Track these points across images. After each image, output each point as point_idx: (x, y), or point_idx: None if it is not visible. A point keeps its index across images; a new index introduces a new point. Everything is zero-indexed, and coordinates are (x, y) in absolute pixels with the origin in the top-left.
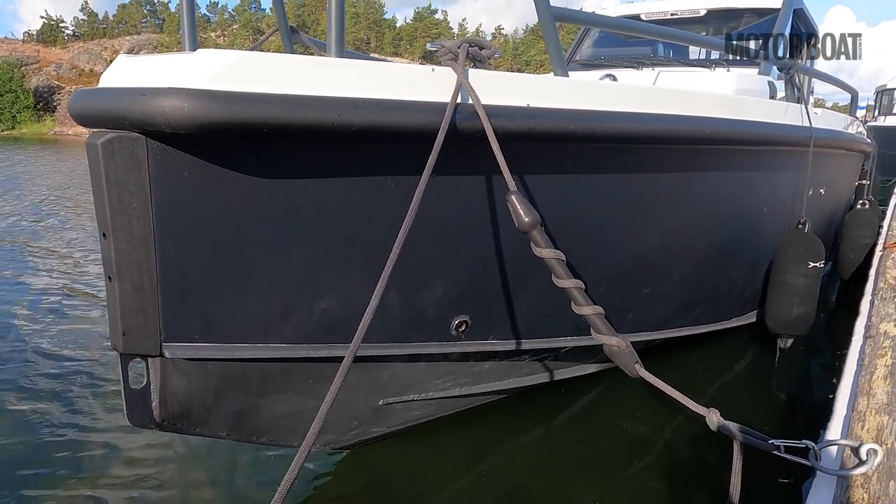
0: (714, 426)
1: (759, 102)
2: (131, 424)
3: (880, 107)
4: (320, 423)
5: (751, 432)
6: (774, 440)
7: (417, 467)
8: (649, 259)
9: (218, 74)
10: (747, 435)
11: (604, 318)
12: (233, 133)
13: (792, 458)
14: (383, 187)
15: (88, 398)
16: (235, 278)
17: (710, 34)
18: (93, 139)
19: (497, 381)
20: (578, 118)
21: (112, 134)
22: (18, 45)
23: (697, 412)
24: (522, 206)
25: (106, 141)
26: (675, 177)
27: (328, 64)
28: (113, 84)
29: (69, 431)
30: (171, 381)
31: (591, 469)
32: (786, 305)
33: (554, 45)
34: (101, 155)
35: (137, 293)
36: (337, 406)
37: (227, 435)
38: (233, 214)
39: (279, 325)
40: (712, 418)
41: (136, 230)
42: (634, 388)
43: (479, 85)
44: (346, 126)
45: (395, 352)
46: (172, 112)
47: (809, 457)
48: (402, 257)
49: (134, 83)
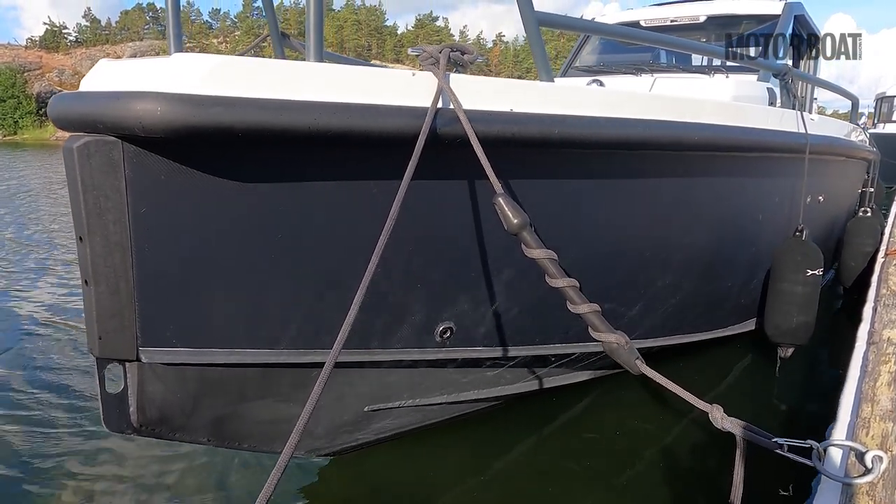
0: (717, 423)
1: (752, 108)
2: (108, 429)
3: (880, 114)
4: (300, 430)
5: (754, 430)
6: (778, 439)
7: (416, 474)
8: (641, 266)
9: (194, 78)
10: (751, 432)
11: (601, 316)
12: (207, 137)
13: (795, 458)
14: (365, 192)
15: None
16: (213, 283)
17: (711, 41)
18: (69, 143)
19: (487, 388)
20: (562, 123)
21: (88, 138)
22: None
23: (701, 409)
24: (510, 207)
25: (82, 144)
26: (665, 182)
27: (305, 68)
28: (92, 88)
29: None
30: (148, 386)
31: (591, 474)
32: (785, 314)
33: (538, 49)
34: (76, 158)
35: (114, 297)
36: (320, 413)
37: (208, 441)
38: (210, 219)
39: (258, 331)
40: (715, 415)
41: (113, 234)
42: (632, 391)
43: (460, 89)
44: (323, 130)
45: (377, 358)
46: (146, 115)
47: (812, 457)
48: (384, 262)
49: (111, 87)
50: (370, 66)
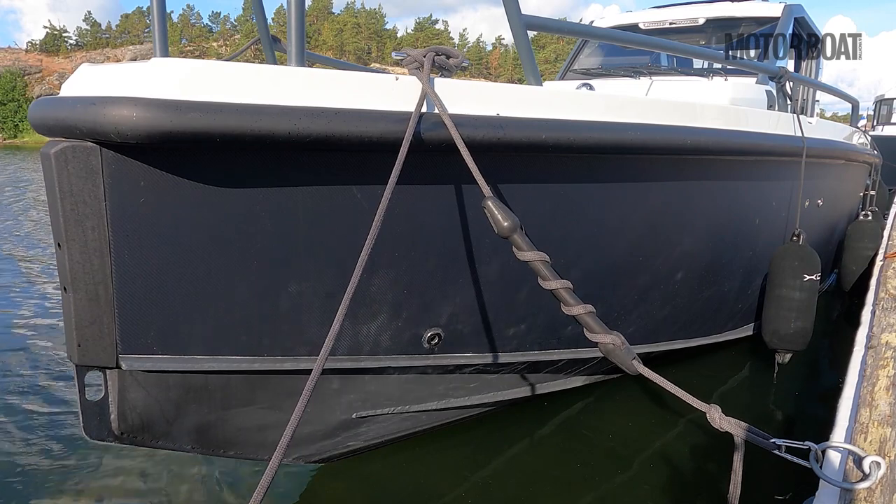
0: (715, 423)
1: (747, 111)
2: (88, 438)
3: (879, 117)
4: (289, 437)
5: (752, 430)
6: (776, 439)
7: (411, 478)
8: (635, 271)
9: (171, 83)
10: (749, 433)
11: (595, 317)
12: (185, 143)
13: (792, 459)
14: (348, 198)
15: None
16: (194, 289)
17: (710, 43)
18: (46, 148)
19: (479, 394)
20: (551, 128)
21: (66, 143)
22: (21, 55)
23: (698, 409)
24: (500, 211)
25: (59, 150)
26: (658, 186)
27: (286, 72)
28: (72, 93)
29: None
30: (129, 394)
31: (588, 476)
32: (782, 320)
33: (526, 53)
34: (53, 164)
35: (93, 304)
36: (307, 420)
37: (192, 448)
38: (191, 225)
39: (240, 338)
40: (713, 415)
41: (92, 240)
42: (629, 394)
43: (446, 94)
44: (303, 135)
45: (364, 365)
46: (122, 121)
47: (810, 459)
48: (370, 269)
49: (90, 92)
50: (357, 70)
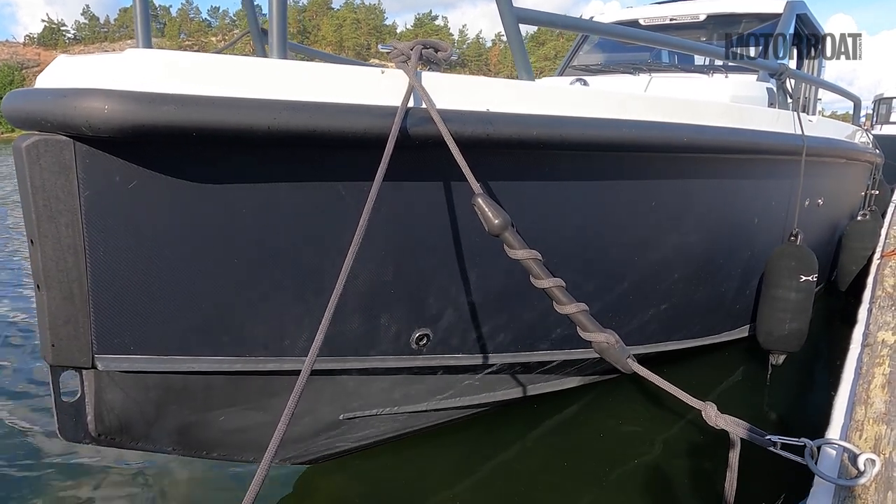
0: (711, 420)
1: (745, 108)
2: (63, 439)
3: (878, 116)
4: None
5: (748, 427)
6: (772, 436)
7: (404, 478)
8: (629, 270)
9: (145, 75)
10: (744, 429)
11: (589, 315)
12: (159, 136)
13: (788, 456)
14: (333, 194)
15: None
16: (172, 287)
17: (711, 40)
18: (17, 142)
19: (469, 395)
20: (542, 124)
21: (37, 137)
22: (19, 48)
23: (694, 407)
24: (490, 208)
25: (31, 144)
26: (652, 184)
27: (265, 64)
28: (46, 84)
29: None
30: (106, 394)
31: (582, 475)
32: (777, 321)
33: (517, 47)
34: (25, 159)
35: (67, 303)
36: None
37: (173, 450)
38: (168, 221)
39: (221, 337)
40: (709, 412)
41: (65, 237)
42: (623, 393)
43: (433, 88)
44: (283, 130)
45: (350, 366)
46: (93, 114)
47: (805, 455)
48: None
49: (64, 84)
50: (342, 63)
